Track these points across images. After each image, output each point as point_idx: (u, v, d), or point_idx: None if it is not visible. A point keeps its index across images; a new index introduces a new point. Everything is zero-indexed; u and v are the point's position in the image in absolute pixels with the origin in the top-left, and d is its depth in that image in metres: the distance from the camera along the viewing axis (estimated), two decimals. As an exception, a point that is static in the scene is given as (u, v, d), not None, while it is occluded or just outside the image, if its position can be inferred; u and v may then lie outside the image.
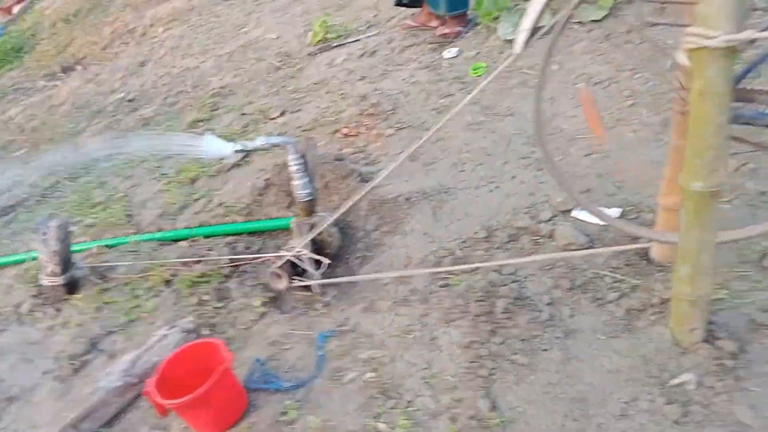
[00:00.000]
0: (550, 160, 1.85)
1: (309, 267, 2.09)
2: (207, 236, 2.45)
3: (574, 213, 2.05)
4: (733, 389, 1.45)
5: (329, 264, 2.24)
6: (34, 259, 2.50)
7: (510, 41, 3.29)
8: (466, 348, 1.69)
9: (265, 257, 2.22)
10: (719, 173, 1.34)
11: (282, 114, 3.29)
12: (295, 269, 2.12)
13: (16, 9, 6.99)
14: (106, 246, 2.59)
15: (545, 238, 1.99)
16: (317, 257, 2.08)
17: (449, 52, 3.39)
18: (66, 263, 2.33)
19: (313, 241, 2.20)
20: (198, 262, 2.30)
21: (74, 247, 2.44)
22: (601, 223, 1.92)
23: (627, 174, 2.14)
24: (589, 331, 1.67)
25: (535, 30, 1.57)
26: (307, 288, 2.11)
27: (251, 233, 2.45)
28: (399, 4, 3.76)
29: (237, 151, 2.11)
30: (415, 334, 1.80)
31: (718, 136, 1.30)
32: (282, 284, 2.09)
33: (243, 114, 3.43)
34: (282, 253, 2.09)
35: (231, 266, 2.26)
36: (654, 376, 1.52)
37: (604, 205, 2.05)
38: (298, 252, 2.06)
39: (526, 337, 1.67)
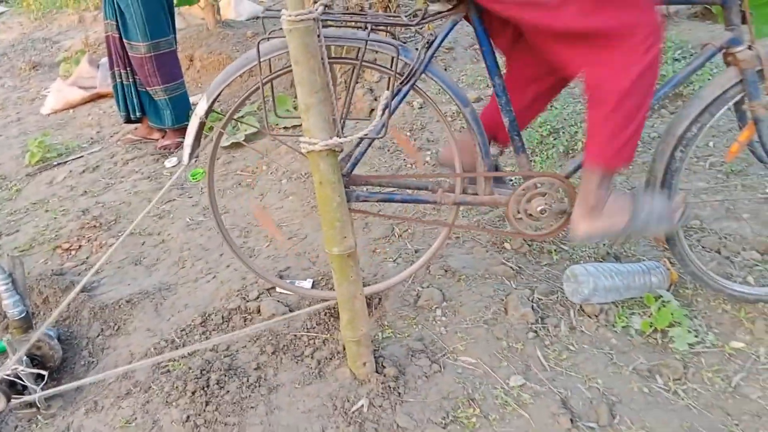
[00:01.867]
0: (234, 251, 2.19)
1: (29, 383, 2.11)
2: None
3: (278, 289, 2.40)
4: (396, 403, 1.86)
5: (55, 377, 2.29)
6: None
7: (228, 146, 3.69)
8: (185, 422, 1.88)
9: (-22, 382, 2.17)
10: (349, 239, 1.78)
11: (-3, 238, 3.21)
12: (14, 388, 2.13)
13: None
14: None
15: (254, 314, 2.30)
16: (36, 371, 2.12)
17: (170, 162, 3.66)
18: None
19: (34, 357, 2.23)
20: None
21: None
22: (295, 293, 2.30)
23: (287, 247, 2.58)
24: (289, 384, 1.98)
25: (196, 144, 1.93)
26: (31, 405, 2.12)
27: (-36, 363, 2.36)
28: (128, 121, 3.94)
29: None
30: (138, 421, 1.94)
31: (340, 211, 1.74)
32: (-1, 406, 2.07)
33: (-48, 243, 3.26)
34: (-5, 374, 2.08)
35: (-60, 401, 2.16)
36: (339, 408, 1.87)
37: (301, 278, 2.44)
38: (13, 369, 2.08)
39: (237, 401, 1.93)
